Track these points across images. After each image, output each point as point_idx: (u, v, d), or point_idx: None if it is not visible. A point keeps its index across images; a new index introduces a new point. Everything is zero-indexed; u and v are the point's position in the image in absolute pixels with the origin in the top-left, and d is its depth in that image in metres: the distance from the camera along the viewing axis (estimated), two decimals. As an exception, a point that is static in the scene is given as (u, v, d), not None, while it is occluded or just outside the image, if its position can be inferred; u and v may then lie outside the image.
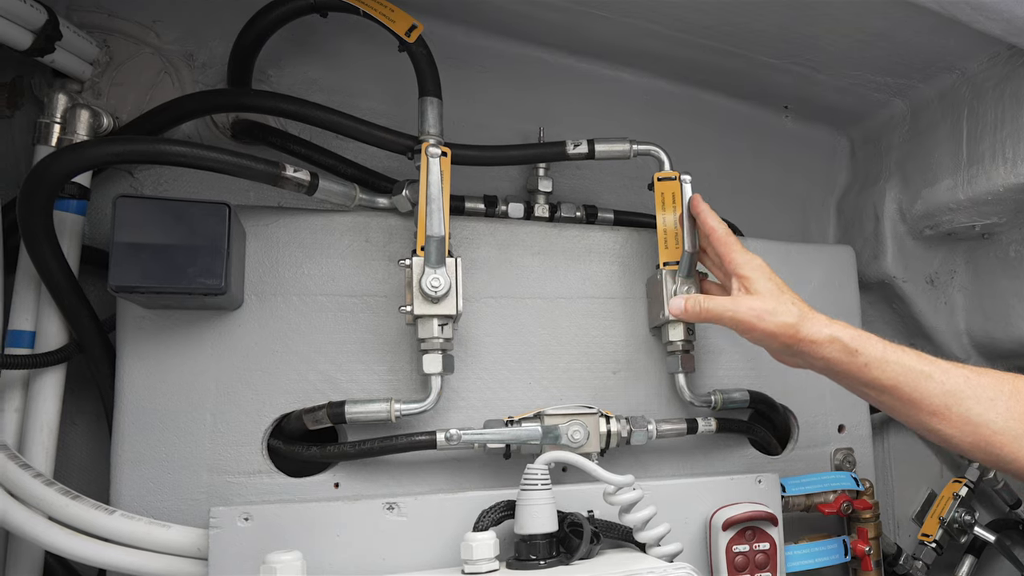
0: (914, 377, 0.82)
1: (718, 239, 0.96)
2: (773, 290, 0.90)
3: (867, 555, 1.12)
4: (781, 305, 0.88)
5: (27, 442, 0.87)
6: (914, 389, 0.82)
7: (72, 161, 0.80)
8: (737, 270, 0.93)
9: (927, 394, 0.82)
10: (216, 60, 1.06)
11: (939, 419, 0.82)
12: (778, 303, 0.88)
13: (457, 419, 0.98)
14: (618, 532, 0.90)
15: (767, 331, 0.87)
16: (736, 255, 0.93)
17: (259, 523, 0.81)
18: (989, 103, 1.16)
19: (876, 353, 0.84)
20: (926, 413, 0.83)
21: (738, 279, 0.93)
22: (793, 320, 0.86)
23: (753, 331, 0.89)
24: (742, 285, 0.92)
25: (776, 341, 0.88)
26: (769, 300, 0.88)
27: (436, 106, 0.98)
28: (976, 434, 0.80)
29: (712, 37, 1.18)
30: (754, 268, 0.92)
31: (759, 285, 0.90)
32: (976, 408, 0.80)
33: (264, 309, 0.93)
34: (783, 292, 0.90)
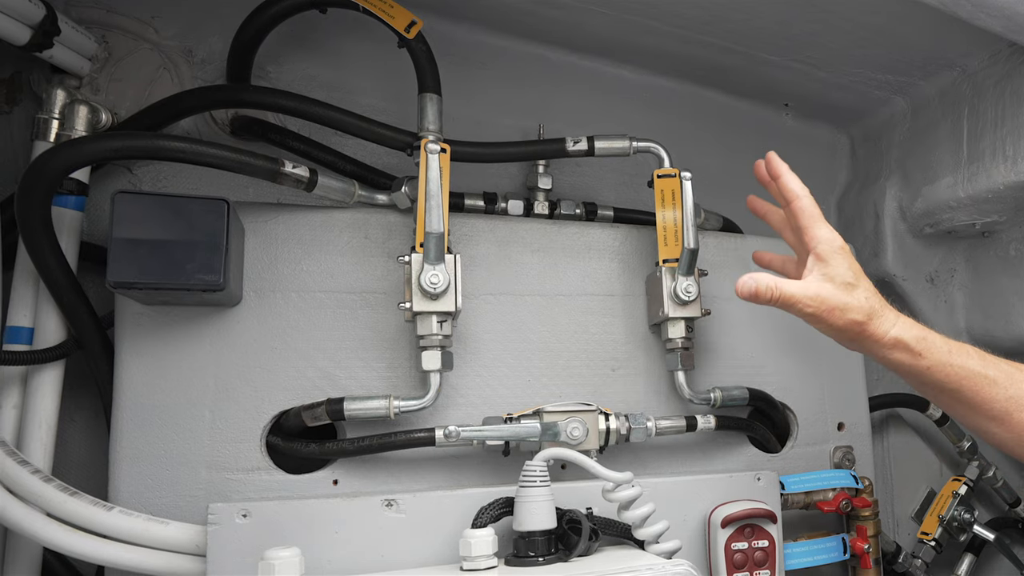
0: (977, 382, 0.81)
1: (800, 208, 0.88)
2: (850, 280, 0.83)
3: (866, 553, 1.12)
4: (854, 299, 0.83)
5: (25, 438, 0.87)
6: (976, 394, 0.81)
7: (70, 157, 0.80)
8: (817, 248, 0.85)
9: (989, 399, 0.81)
10: (215, 56, 1.06)
11: (999, 424, 0.81)
12: (851, 296, 0.83)
13: (456, 416, 0.98)
14: (617, 529, 0.90)
15: (835, 326, 0.84)
16: (819, 230, 0.86)
17: (258, 520, 0.81)
18: (990, 101, 1.16)
19: (940, 357, 0.82)
20: (986, 418, 0.82)
21: (816, 259, 0.85)
22: (862, 318, 0.82)
23: (821, 324, 0.85)
24: (818, 267, 0.85)
25: (842, 336, 0.85)
26: (843, 293, 0.83)
27: (435, 102, 0.97)
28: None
29: (712, 34, 1.18)
30: (834, 252, 0.85)
31: (837, 271, 0.84)
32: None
33: (263, 305, 0.93)
34: (858, 282, 0.84)
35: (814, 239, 0.86)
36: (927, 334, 0.83)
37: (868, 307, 0.83)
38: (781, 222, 0.97)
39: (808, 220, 0.87)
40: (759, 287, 0.83)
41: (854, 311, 0.82)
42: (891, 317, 0.83)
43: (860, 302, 0.83)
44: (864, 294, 0.83)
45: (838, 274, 0.84)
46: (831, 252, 0.85)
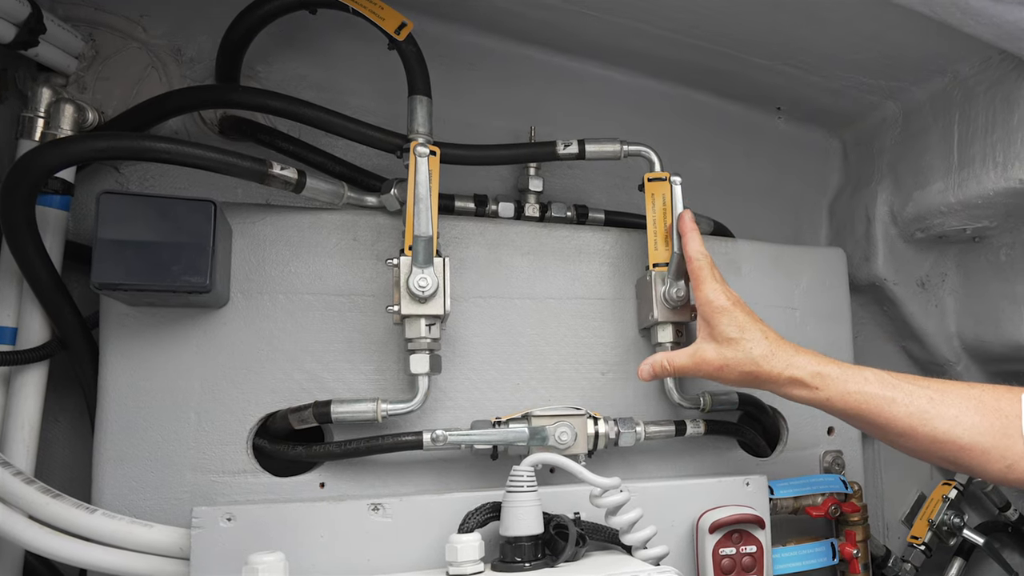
0: (877, 403, 0.85)
1: (691, 271, 0.96)
2: (733, 336, 0.90)
3: (855, 558, 1.12)
4: (740, 352, 0.89)
5: (8, 439, 0.86)
6: (879, 415, 0.85)
7: (55, 157, 0.79)
8: (701, 310, 0.93)
9: (892, 418, 0.84)
10: (204, 55, 1.05)
11: (907, 439, 0.85)
12: (737, 350, 0.89)
13: (444, 419, 0.98)
14: (604, 534, 0.89)
15: (730, 380, 0.91)
16: (705, 291, 0.93)
17: (242, 523, 0.81)
18: (980, 107, 1.16)
19: (837, 387, 0.86)
20: (894, 434, 0.85)
21: (702, 320, 0.93)
22: (751, 368, 0.89)
23: (718, 380, 0.93)
24: (704, 328, 0.93)
25: (741, 384, 0.92)
26: (727, 349, 0.90)
27: (425, 104, 0.97)
28: (944, 450, 0.83)
29: (703, 38, 1.17)
30: (716, 311, 0.92)
31: (720, 331, 0.91)
32: (942, 427, 0.82)
33: (250, 307, 0.92)
34: (743, 335, 0.90)
35: (701, 301, 0.93)
36: (822, 368, 0.87)
37: (756, 354, 0.89)
38: None
39: (696, 282, 0.95)
40: (654, 367, 0.95)
41: (741, 363, 0.89)
42: (784, 358, 0.88)
43: (747, 353, 0.89)
44: (750, 344, 0.89)
45: (720, 332, 0.91)
46: (711, 313, 0.92)
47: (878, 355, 1.43)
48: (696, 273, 0.95)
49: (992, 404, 0.82)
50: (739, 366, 0.89)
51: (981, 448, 0.81)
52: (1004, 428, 0.81)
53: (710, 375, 0.92)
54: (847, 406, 0.86)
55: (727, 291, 0.93)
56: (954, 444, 0.82)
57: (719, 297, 0.92)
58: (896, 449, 0.89)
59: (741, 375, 0.89)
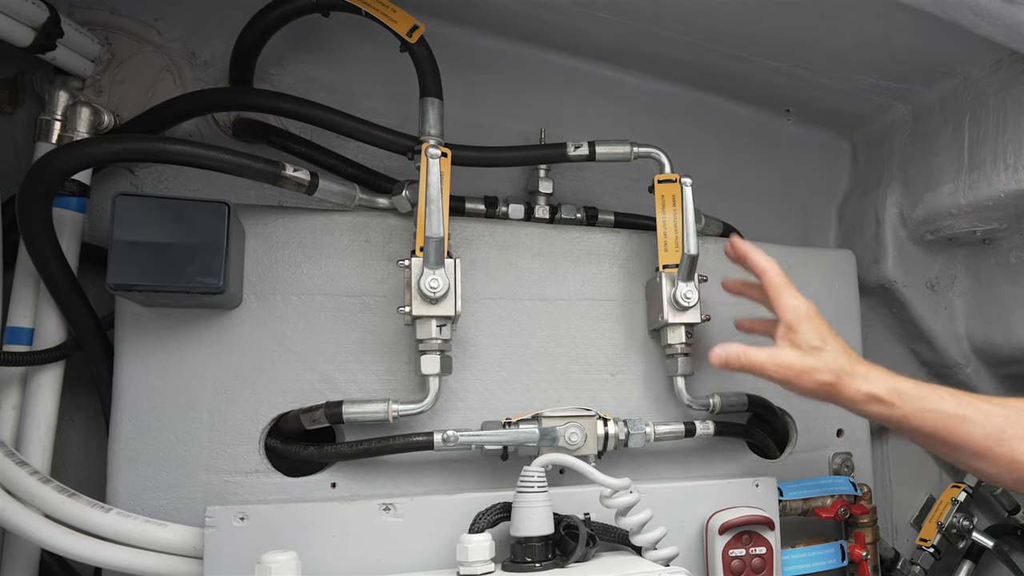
0: (953, 423, 0.83)
1: (768, 281, 0.94)
2: (816, 344, 0.88)
3: (864, 560, 1.12)
4: (821, 362, 0.87)
5: (24, 439, 0.87)
6: (954, 434, 0.83)
7: (72, 159, 0.80)
8: (784, 316, 0.91)
9: (967, 438, 0.82)
10: (218, 58, 1.06)
11: (983, 460, 0.83)
12: (818, 360, 0.87)
13: (455, 420, 0.98)
14: (614, 535, 0.90)
15: (806, 389, 0.88)
16: (784, 299, 0.92)
17: (255, 523, 0.81)
18: (991, 108, 1.15)
19: (913, 404, 0.84)
20: (969, 455, 0.84)
21: (784, 327, 0.91)
22: (831, 379, 0.86)
23: (791, 387, 0.89)
24: (786, 334, 0.91)
25: (815, 395, 0.89)
26: (809, 357, 0.88)
27: (437, 107, 0.97)
28: (1021, 471, 0.81)
29: (714, 40, 1.18)
30: (800, 317, 0.90)
31: (803, 337, 0.89)
32: (1020, 447, 0.81)
33: (263, 308, 0.93)
34: (826, 345, 0.88)
35: (781, 308, 0.92)
36: (899, 384, 0.86)
37: (837, 367, 0.87)
38: (758, 295, 1.00)
39: (775, 291, 0.93)
40: (728, 356, 0.90)
41: (821, 373, 0.87)
42: (862, 372, 0.87)
43: (827, 363, 0.87)
44: (831, 356, 0.88)
45: (804, 340, 0.89)
46: (797, 319, 0.90)
47: (887, 357, 1.43)
48: (775, 281, 0.94)
49: None
50: (818, 375, 0.87)
51: None
52: None
53: (785, 379, 0.88)
54: (923, 424, 0.84)
55: (807, 300, 0.92)
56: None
57: (802, 304, 0.91)
58: (970, 472, 0.88)
59: (818, 385, 0.87)
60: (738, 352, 0.89)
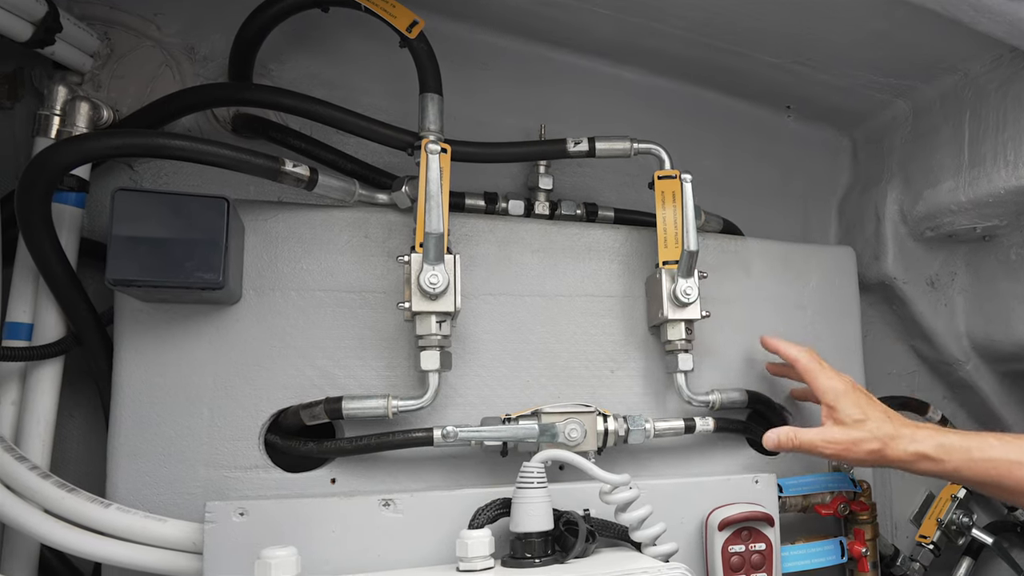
0: (1007, 468, 0.86)
1: (803, 368, 1.00)
2: (858, 417, 0.94)
3: (864, 556, 1.12)
4: (866, 432, 0.92)
5: (24, 435, 0.87)
6: (1010, 479, 0.86)
7: (71, 154, 0.80)
8: (823, 398, 0.97)
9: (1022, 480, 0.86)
10: (217, 54, 1.06)
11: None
12: (863, 431, 0.93)
13: (454, 416, 0.98)
14: (614, 531, 0.90)
15: (856, 460, 0.94)
16: (821, 382, 0.98)
17: (255, 518, 0.81)
18: (991, 105, 1.15)
19: (962, 456, 0.88)
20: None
21: (826, 407, 0.97)
22: (878, 447, 0.92)
23: (844, 459, 0.95)
24: (829, 414, 0.96)
25: (867, 463, 0.95)
26: (854, 431, 0.93)
27: (437, 102, 0.97)
28: None
29: (714, 36, 1.17)
30: (838, 395, 0.96)
31: (845, 414, 0.95)
32: None
33: (262, 304, 0.93)
34: (868, 417, 0.94)
35: (820, 391, 0.98)
36: (945, 439, 0.90)
37: (882, 434, 0.92)
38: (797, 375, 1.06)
39: (812, 377, 1.00)
40: (780, 439, 0.97)
41: (868, 442, 0.92)
42: (907, 434, 0.92)
43: (873, 432, 0.92)
44: (875, 424, 0.93)
45: (847, 415, 0.94)
46: (836, 398, 0.96)
47: (887, 354, 1.43)
48: (809, 367, 1.00)
49: None
50: (865, 444, 0.92)
51: None
52: None
53: (836, 454, 0.94)
54: (975, 474, 0.88)
55: (840, 375, 0.99)
56: None
57: (837, 383, 0.97)
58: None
59: (868, 453, 0.92)
60: (789, 434, 0.96)
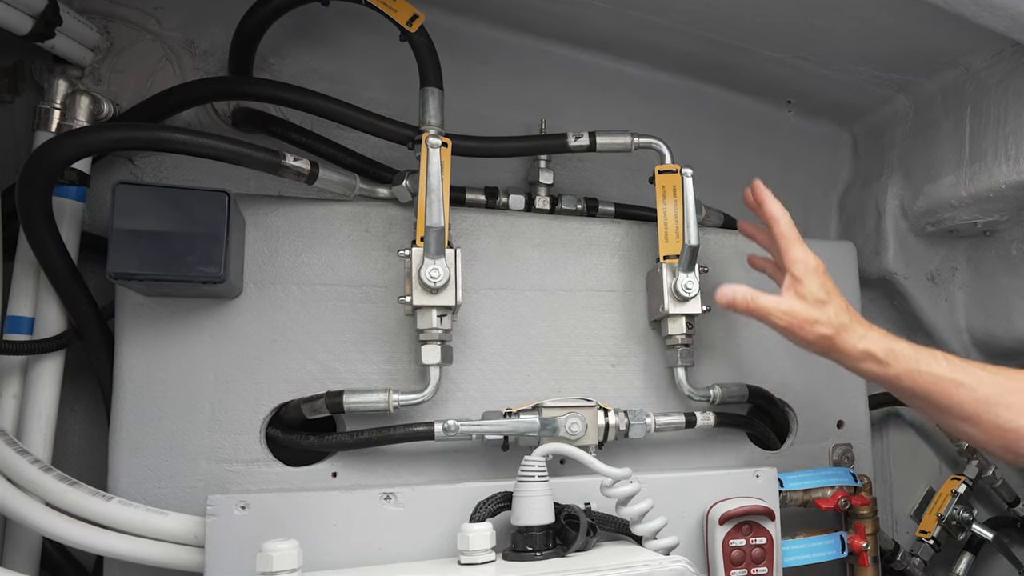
0: (945, 386, 0.85)
1: (779, 231, 0.95)
2: (820, 297, 0.90)
3: (864, 551, 1.12)
4: (824, 315, 0.89)
5: (25, 428, 0.87)
6: (945, 397, 0.85)
7: (72, 147, 0.80)
8: (791, 268, 0.93)
9: (959, 402, 0.84)
10: (217, 47, 1.06)
11: (970, 424, 0.85)
12: (822, 312, 0.89)
13: (455, 410, 0.98)
14: (615, 525, 0.90)
15: (805, 339, 0.90)
16: (795, 252, 0.93)
17: (256, 511, 0.81)
18: (992, 100, 1.15)
19: (908, 365, 0.86)
20: (958, 419, 0.85)
21: (791, 278, 0.92)
22: (831, 332, 0.88)
23: (790, 336, 0.91)
24: (792, 285, 0.92)
25: (814, 348, 0.91)
26: (814, 309, 0.89)
27: (437, 96, 0.97)
28: (1005, 438, 0.83)
29: (714, 30, 1.17)
30: (808, 271, 0.92)
31: (809, 289, 0.90)
32: (1006, 415, 0.82)
33: (263, 298, 0.93)
34: (830, 300, 0.90)
35: (790, 260, 0.93)
36: (895, 344, 0.88)
37: (837, 322, 0.89)
38: (768, 242, 1.02)
39: (785, 242, 0.95)
40: (736, 296, 0.91)
41: (823, 325, 0.88)
42: (860, 331, 0.89)
43: (829, 317, 0.89)
44: (834, 310, 0.90)
45: (810, 292, 0.90)
46: (804, 272, 0.92)
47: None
48: (785, 233, 0.95)
49: None
50: (820, 327, 0.88)
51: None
52: None
53: (788, 326, 0.89)
54: (915, 385, 0.86)
55: (816, 256, 0.94)
56: (1015, 433, 0.82)
57: (811, 258, 0.93)
58: (957, 436, 0.90)
59: (819, 337, 0.88)
60: (746, 294, 0.90)
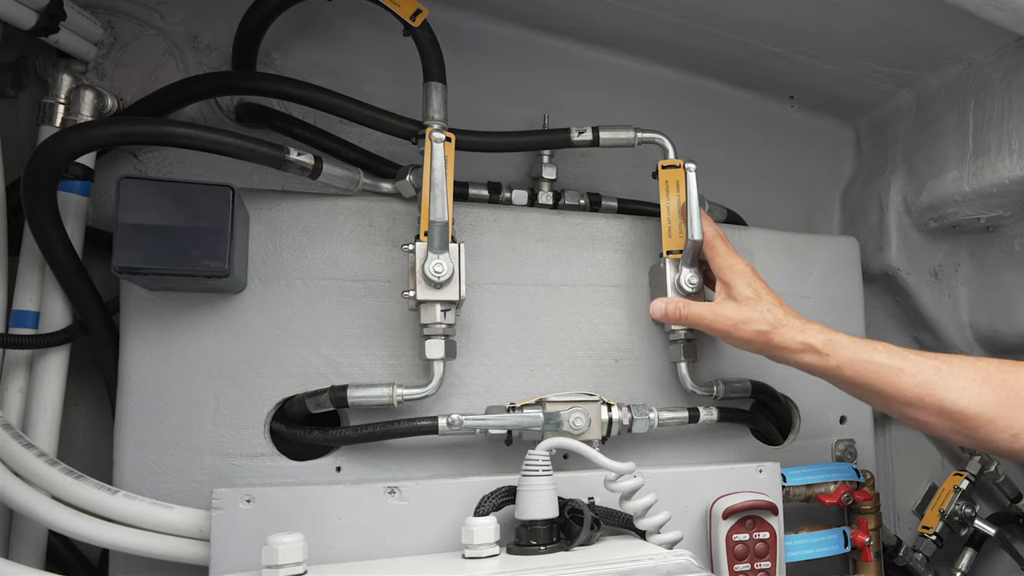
0: (886, 373, 0.87)
1: (707, 241, 0.99)
2: (751, 297, 0.94)
3: (867, 546, 1.12)
4: (756, 313, 0.92)
5: (31, 422, 0.87)
6: (887, 384, 0.87)
7: (76, 141, 0.80)
8: (720, 274, 0.97)
9: (900, 388, 0.86)
10: (220, 42, 1.05)
11: (915, 409, 0.87)
12: (753, 311, 0.92)
13: (459, 405, 0.98)
14: (618, 519, 0.90)
15: (742, 339, 0.93)
16: (720, 258, 0.98)
17: (261, 505, 0.81)
18: (996, 95, 1.15)
19: (847, 355, 0.89)
20: (902, 404, 0.87)
21: (721, 283, 0.97)
22: (766, 328, 0.91)
23: (729, 338, 0.95)
24: (723, 290, 0.96)
25: (751, 347, 0.94)
26: (745, 308, 0.93)
27: (440, 91, 0.97)
28: (951, 419, 0.85)
29: (718, 25, 1.17)
30: (735, 273, 0.96)
31: (738, 291, 0.94)
32: (949, 396, 0.84)
33: (267, 293, 0.93)
34: (761, 298, 0.94)
35: (718, 267, 0.98)
36: (834, 336, 0.90)
37: (771, 318, 0.92)
38: None
39: (712, 252, 0.99)
40: (668, 309, 0.97)
41: (757, 322, 0.92)
42: (797, 324, 0.92)
43: (762, 314, 0.92)
44: (766, 307, 0.93)
45: (739, 293, 0.94)
46: (733, 275, 0.96)
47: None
48: (711, 242, 0.99)
49: (998, 376, 0.85)
50: (754, 325, 0.91)
51: (987, 418, 0.83)
52: (1010, 399, 0.83)
53: (723, 329, 0.93)
54: (856, 374, 0.88)
55: (742, 258, 0.98)
56: (960, 414, 0.84)
57: (737, 262, 0.97)
58: (902, 423, 0.92)
59: (755, 334, 0.91)
60: (677, 304, 0.97)
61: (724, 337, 0.95)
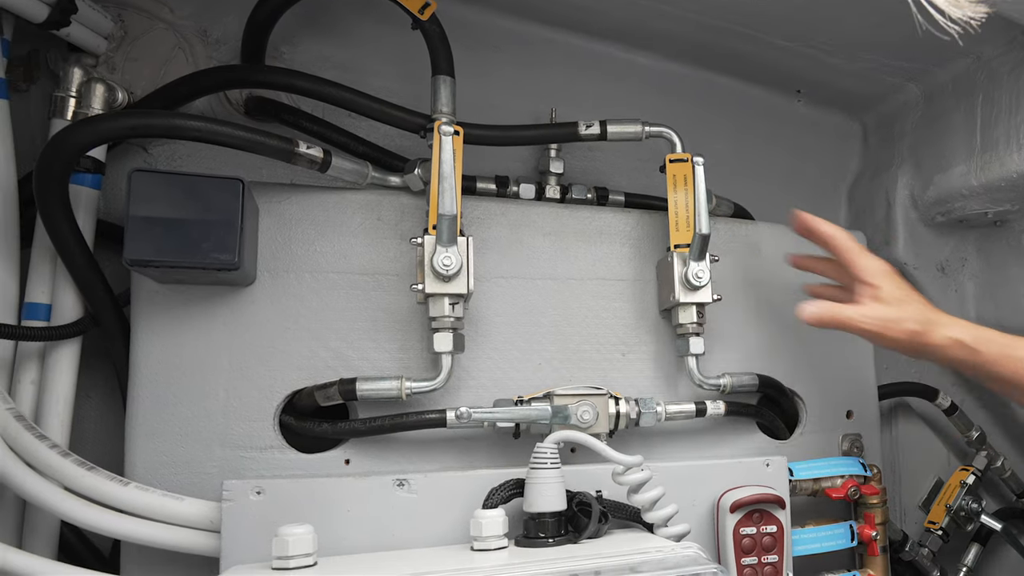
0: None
1: (840, 245, 0.98)
2: (900, 297, 0.93)
3: (873, 540, 1.12)
4: (906, 313, 0.92)
5: (43, 414, 0.88)
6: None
7: (88, 134, 0.80)
8: (864, 276, 0.95)
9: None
10: (230, 36, 1.06)
11: None
12: (903, 311, 0.92)
13: (467, 398, 0.99)
14: (626, 512, 0.90)
15: (895, 339, 0.92)
16: (862, 260, 0.96)
17: (271, 497, 0.82)
18: (1005, 88, 1.15)
19: (997, 351, 0.89)
20: None
21: (865, 285, 0.95)
22: (918, 328, 0.91)
23: (881, 340, 0.93)
24: (869, 293, 0.94)
25: (902, 347, 0.93)
26: (895, 308, 0.92)
27: (449, 85, 0.97)
28: None
29: (725, 19, 1.17)
30: (881, 275, 0.95)
31: (886, 291, 0.93)
32: None
33: (276, 286, 0.93)
34: (909, 297, 0.93)
35: (860, 269, 0.96)
36: (984, 332, 0.90)
37: (923, 317, 0.91)
38: (826, 268, 1.06)
39: (851, 255, 0.97)
40: (821, 314, 0.94)
41: (909, 322, 0.91)
42: (946, 321, 0.92)
43: (913, 313, 0.92)
44: (915, 307, 0.93)
45: (888, 293, 0.93)
46: (878, 276, 0.95)
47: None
48: (847, 244, 0.98)
49: None
50: (906, 324, 0.91)
51: None
52: None
53: (875, 331, 0.92)
54: (1007, 371, 0.88)
55: (882, 259, 0.97)
56: None
57: (880, 263, 0.96)
58: None
59: (906, 333, 0.91)
60: (831, 309, 0.94)
61: (873, 338, 0.94)
